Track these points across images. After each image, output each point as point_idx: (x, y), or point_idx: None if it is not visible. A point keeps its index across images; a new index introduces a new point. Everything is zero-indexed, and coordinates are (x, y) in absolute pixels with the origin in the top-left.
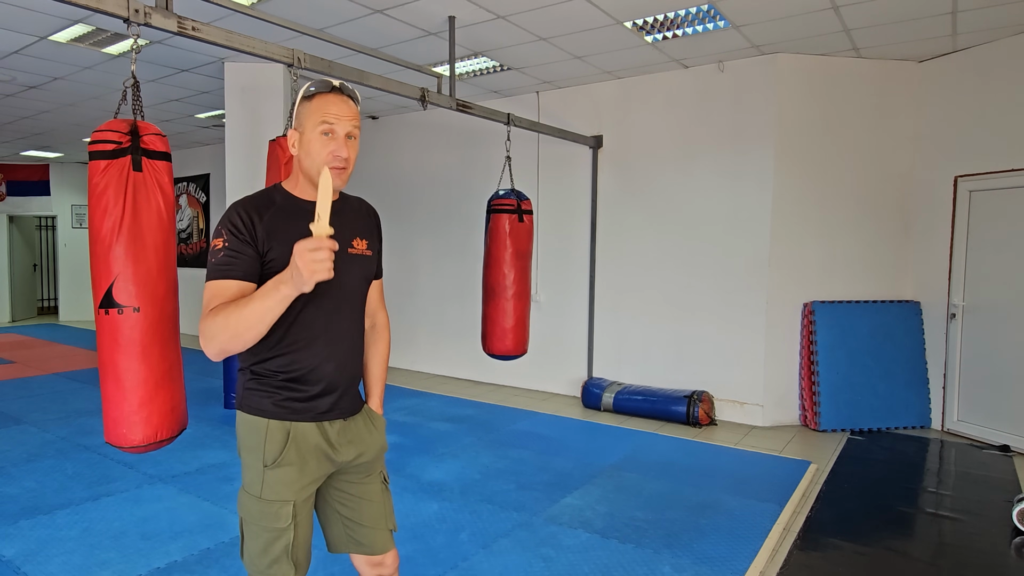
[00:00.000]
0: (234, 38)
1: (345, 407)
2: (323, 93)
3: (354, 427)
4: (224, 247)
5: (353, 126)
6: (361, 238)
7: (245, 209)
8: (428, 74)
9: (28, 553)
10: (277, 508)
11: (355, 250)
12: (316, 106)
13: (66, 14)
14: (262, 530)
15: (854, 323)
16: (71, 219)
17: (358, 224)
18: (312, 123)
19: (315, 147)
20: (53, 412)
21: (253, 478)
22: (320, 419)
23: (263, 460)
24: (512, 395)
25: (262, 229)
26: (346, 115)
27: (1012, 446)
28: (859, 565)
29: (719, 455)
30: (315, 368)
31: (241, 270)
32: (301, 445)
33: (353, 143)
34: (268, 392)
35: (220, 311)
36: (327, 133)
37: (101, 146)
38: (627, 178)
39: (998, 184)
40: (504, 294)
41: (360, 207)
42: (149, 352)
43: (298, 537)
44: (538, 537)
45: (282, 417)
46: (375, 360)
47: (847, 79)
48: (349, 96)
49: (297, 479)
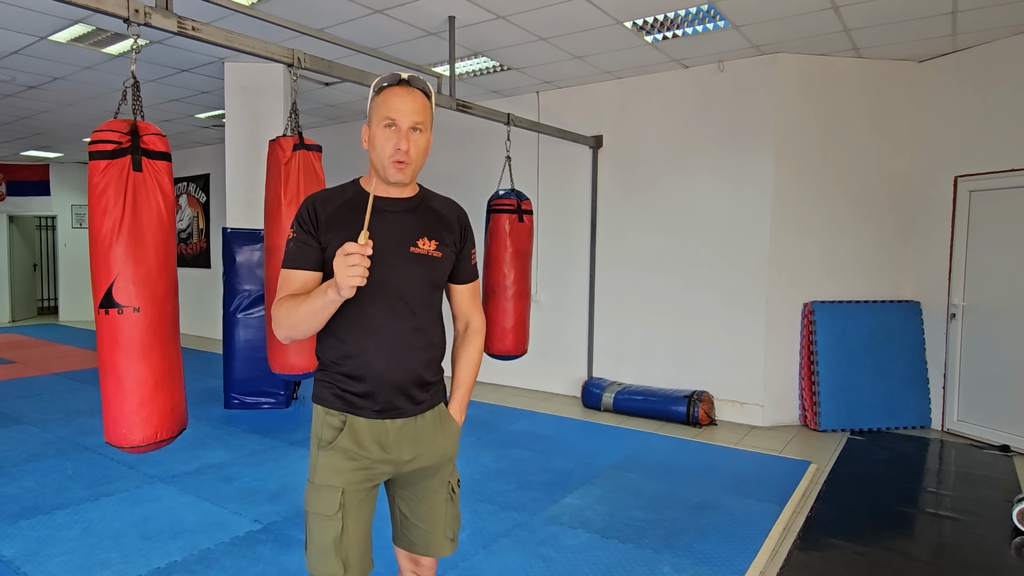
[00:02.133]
0: (234, 38)
1: (403, 407)
2: (390, 87)
3: (419, 427)
4: (292, 237)
5: (418, 120)
6: (431, 239)
7: (313, 201)
8: (428, 74)
9: (28, 553)
10: (327, 493)
11: (419, 250)
12: (382, 100)
13: (66, 14)
14: (315, 518)
15: (854, 323)
16: (71, 219)
17: (432, 224)
18: (377, 117)
19: (379, 141)
20: (53, 412)
21: (312, 464)
22: (375, 416)
23: (319, 443)
24: (512, 395)
25: (324, 220)
26: (410, 108)
27: (1012, 446)
28: (859, 565)
29: (719, 455)
30: (365, 364)
31: (303, 260)
32: (357, 435)
33: (419, 136)
34: (329, 384)
35: (286, 302)
36: (390, 126)
37: (101, 146)
38: (627, 178)
39: (998, 184)
40: (504, 294)
41: (446, 208)
42: (149, 352)
43: (348, 531)
44: (538, 537)
45: (340, 408)
46: (462, 364)
47: (847, 79)
48: (419, 89)
49: (348, 467)
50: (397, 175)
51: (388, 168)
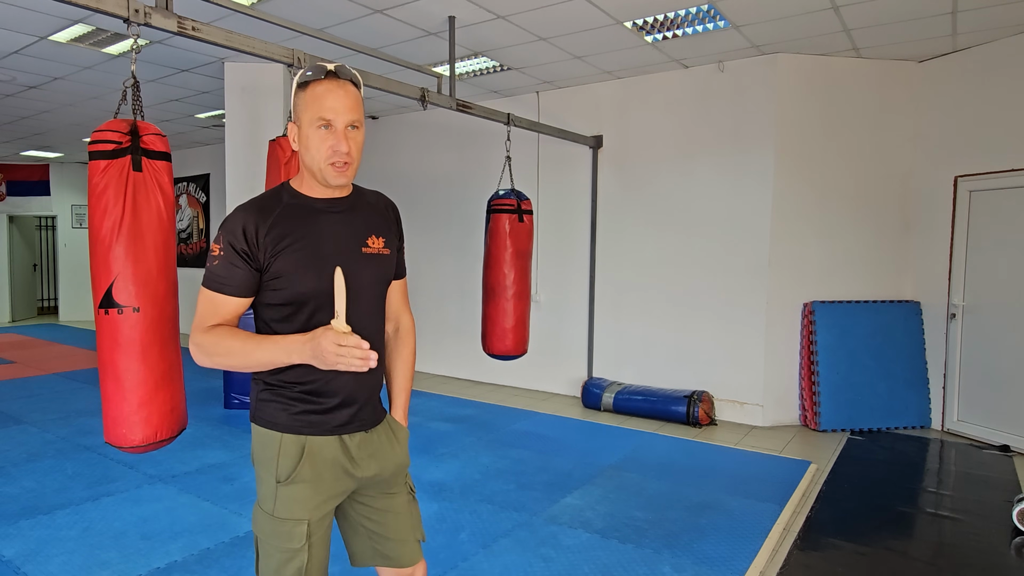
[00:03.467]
0: (234, 38)
1: (365, 419)
2: (318, 80)
3: (375, 440)
4: (220, 256)
5: (354, 117)
6: (378, 236)
7: (247, 218)
8: (428, 74)
9: (28, 553)
10: (291, 527)
11: (370, 249)
12: (311, 97)
13: (66, 14)
14: (275, 550)
15: (854, 323)
16: (71, 219)
17: (374, 221)
18: (308, 117)
19: (313, 143)
20: (53, 412)
21: (266, 494)
22: (337, 432)
23: (276, 476)
24: (512, 395)
25: (264, 236)
26: (344, 105)
27: (1012, 446)
28: (859, 565)
29: (719, 455)
30: (332, 379)
31: (235, 286)
32: (317, 460)
33: (356, 133)
34: (283, 404)
35: (224, 337)
36: (325, 127)
37: (101, 146)
38: (627, 178)
39: (998, 184)
40: (504, 294)
41: (378, 202)
42: (149, 352)
43: (312, 559)
44: (538, 537)
45: (297, 431)
46: (399, 367)
47: (847, 79)
48: (348, 79)
49: (311, 496)
50: (338, 178)
51: (326, 171)
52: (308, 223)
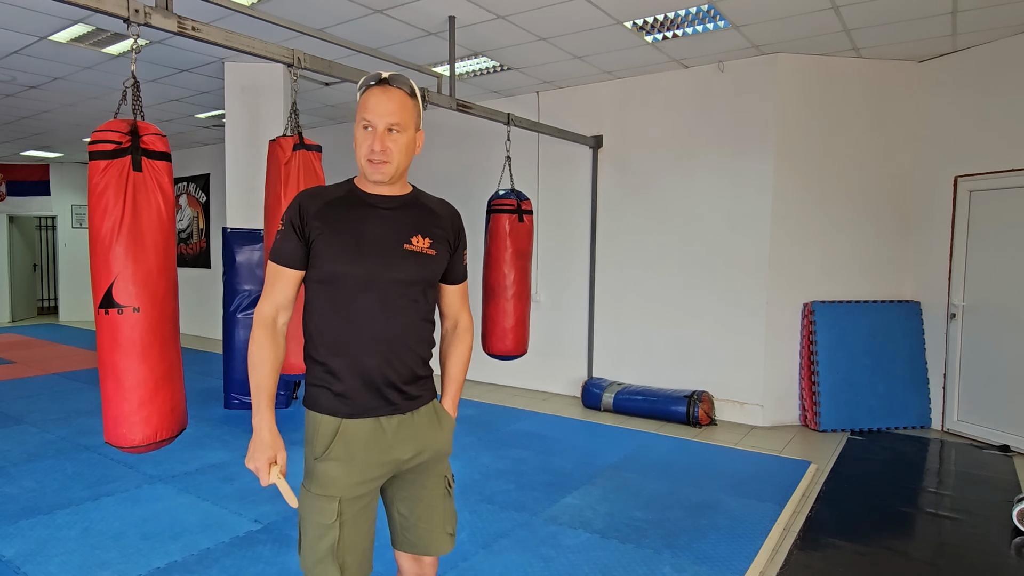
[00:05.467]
0: (234, 38)
1: (398, 403)
2: (369, 87)
3: (416, 422)
4: (281, 231)
5: (394, 120)
6: (425, 236)
7: (304, 200)
8: (428, 74)
9: (28, 553)
10: (323, 504)
11: (412, 247)
12: (362, 102)
13: (66, 14)
14: (310, 525)
15: (854, 323)
16: (71, 219)
17: (425, 222)
18: (357, 119)
19: (358, 142)
20: (53, 412)
21: (307, 471)
22: (369, 414)
23: (314, 453)
24: (512, 395)
25: (312, 216)
26: (386, 109)
27: (1012, 446)
28: (859, 565)
29: (719, 455)
30: (358, 361)
31: (287, 257)
32: (350, 440)
33: (397, 136)
34: (321, 387)
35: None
36: (367, 128)
37: (101, 146)
38: (627, 178)
39: (998, 184)
40: (504, 294)
41: (439, 208)
42: (149, 352)
43: (344, 538)
44: (538, 537)
45: (332, 412)
46: (452, 360)
47: (847, 79)
48: (399, 87)
49: (344, 475)
50: (375, 174)
51: (365, 167)
52: (354, 212)
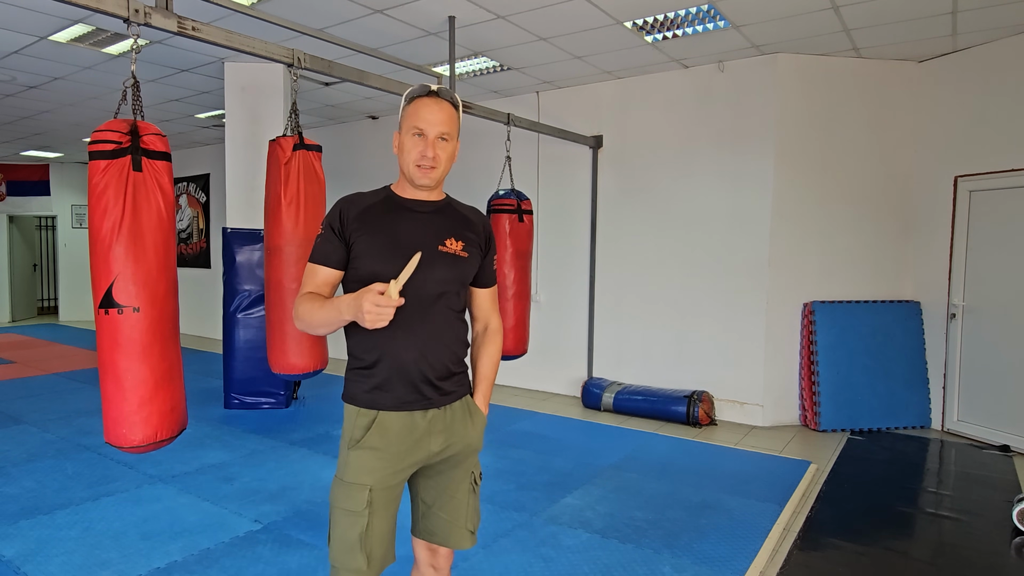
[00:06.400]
0: (234, 38)
1: (432, 397)
2: (420, 97)
3: (449, 416)
4: (321, 234)
5: (445, 130)
6: (457, 239)
7: (344, 204)
8: (428, 74)
9: (28, 553)
10: (355, 491)
11: (447, 248)
12: (412, 109)
13: (66, 14)
14: (341, 513)
15: (854, 323)
16: (71, 219)
17: (458, 227)
18: (407, 125)
19: (407, 147)
20: (53, 412)
21: (341, 461)
22: (404, 408)
23: (348, 442)
24: (512, 395)
25: (354, 220)
26: (438, 119)
27: (1012, 446)
28: (859, 565)
29: (719, 455)
30: (395, 357)
31: (327, 258)
32: (386, 431)
33: (446, 144)
34: (358, 380)
35: (307, 300)
36: (418, 135)
37: (101, 146)
38: (627, 178)
39: (998, 184)
40: (504, 294)
41: (473, 215)
42: (149, 352)
43: (373, 527)
44: (538, 537)
45: (369, 405)
46: (483, 360)
47: (847, 79)
48: (447, 100)
49: (378, 466)
50: (422, 179)
51: (414, 172)
52: (392, 215)
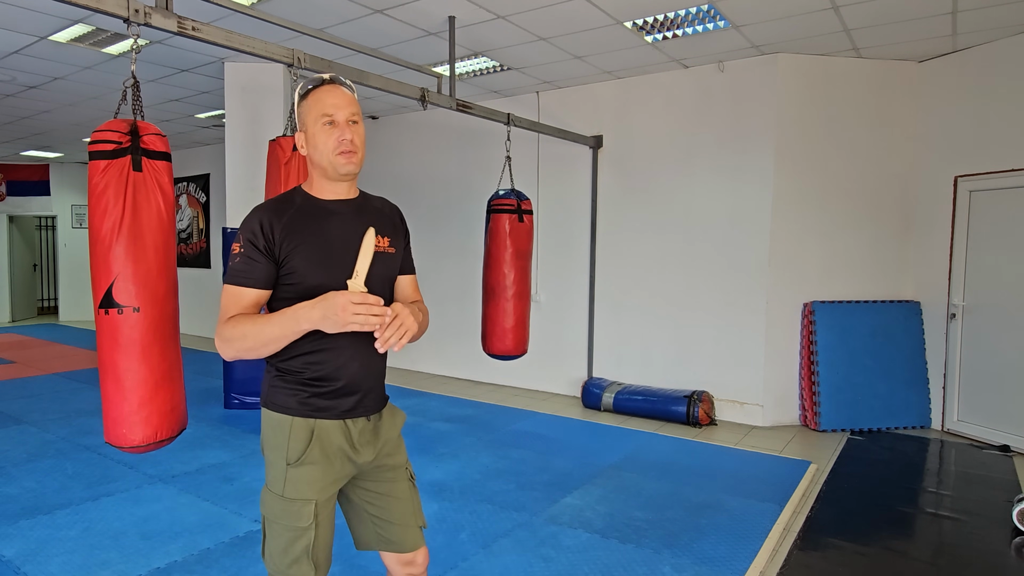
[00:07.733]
0: (234, 38)
1: (369, 405)
2: (317, 88)
3: (375, 427)
4: (241, 253)
5: (352, 112)
6: (384, 236)
7: (264, 216)
8: (428, 74)
9: (28, 553)
10: (299, 507)
11: (378, 247)
12: (313, 101)
13: (66, 14)
14: (284, 529)
15: (854, 323)
16: (71, 219)
17: (380, 223)
18: (313, 118)
19: (320, 139)
20: (53, 412)
21: (276, 476)
22: (344, 417)
23: (287, 458)
24: (512, 395)
25: (280, 233)
26: (343, 102)
27: (1012, 446)
28: (859, 565)
29: (719, 455)
30: (340, 367)
31: (255, 278)
32: (325, 444)
33: (357, 127)
34: (293, 390)
35: (240, 322)
36: (329, 123)
37: (101, 146)
38: (627, 178)
39: (998, 184)
40: (504, 294)
41: (383, 206)
42: (149, 352)
43: (319, 537)
44: (538, 537)
45: (306, 415)
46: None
47: (847, 79)
48: (344, 86)
49: (320, 478)
50: (347, 165)
51: (337, 161)
52: (319, 222)
